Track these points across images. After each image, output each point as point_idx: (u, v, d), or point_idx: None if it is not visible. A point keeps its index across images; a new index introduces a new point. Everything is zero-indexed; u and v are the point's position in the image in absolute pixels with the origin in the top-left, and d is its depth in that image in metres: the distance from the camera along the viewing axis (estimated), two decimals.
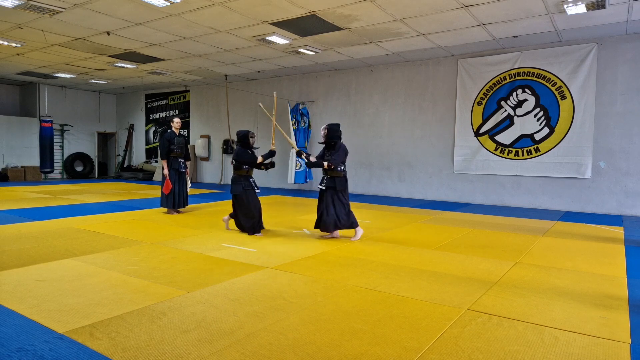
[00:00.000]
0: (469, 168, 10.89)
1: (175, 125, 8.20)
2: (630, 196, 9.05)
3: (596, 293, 3.85)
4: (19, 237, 5.73)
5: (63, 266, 4.41)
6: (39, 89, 16.64)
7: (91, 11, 8.01)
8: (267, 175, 14.74)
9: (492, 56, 10.40)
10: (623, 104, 9.09)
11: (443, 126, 11.28)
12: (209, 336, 2.81)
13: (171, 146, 8.08)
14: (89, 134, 18.46)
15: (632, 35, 8.94)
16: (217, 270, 4.37)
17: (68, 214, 7.83)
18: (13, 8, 7.81)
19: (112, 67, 13.09)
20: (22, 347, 2.62)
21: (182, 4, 7.56)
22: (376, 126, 12.39)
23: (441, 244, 5.87)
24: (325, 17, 8.12)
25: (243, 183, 6.34)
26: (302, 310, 3.29)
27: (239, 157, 6.34)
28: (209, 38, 9.68)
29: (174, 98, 17.40)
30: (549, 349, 2.71)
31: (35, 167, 16.29)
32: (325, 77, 13.31)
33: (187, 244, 5.59)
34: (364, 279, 4.16)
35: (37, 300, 3.42)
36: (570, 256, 5.28)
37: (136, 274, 4.18)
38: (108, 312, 3.18)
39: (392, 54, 10.92)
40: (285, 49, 10.45)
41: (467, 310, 3.36)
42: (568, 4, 7.22)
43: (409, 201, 11.01)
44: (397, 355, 2.60)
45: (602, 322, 3.17)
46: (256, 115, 14.98)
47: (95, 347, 2.63)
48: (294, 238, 6.09)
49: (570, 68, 9.53)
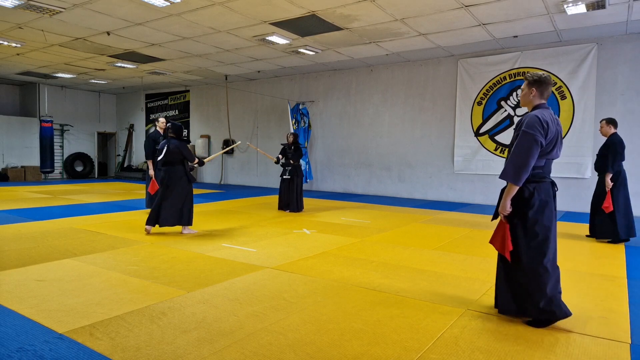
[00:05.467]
0: (469, 168, 10.89)
1: (160, 125, 8.12)
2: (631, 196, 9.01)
3: (596, 293, 3.85)
4: (19, 237, 5.73)
5: (63, 266, 4.41)
6: (39, 89, 16.64)
7: (91, 11, 8.01)
8: (266, 175, 14.75)
9: (492, 56, 10.40)
10: (623, 104, 9.09)
11: (443, 126, 11.28)
12: (209, 336, 2.81)
13: (156, 146, 8.00)
14: (89, 134, 18.46)
15: (632, 35, 8.93)
16: (217, 270, 4.37)
17: (68, 214, 7.83)
18: (13, 8, 7.81)
19: (112, 67, 13.09)
20: (22, 347, 2.62)
21: (182, 4, 7.55)
22: (376, 126, 12.39)
23: (441, 244, 5.87)
24: (325, 17, 8.12)
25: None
26: (302, 310, 3.29)
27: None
28: (209, 38, 9.68)
29: (174, 98, 17.40)
30: (549, 349, 2.71)
31: (35, 167, 16.28)
32: (325, 77, 13.31)
33: (187, 244, 5.59)
34: (364, 279, 4.16)
35: (37, 300, 3.42)
36: (570, 256, 5.28)
37: (136, 274, 4.18)
38: (108, 312, 3.18)
39: (392, 54, 10.92)
40: (285, 49, 10.45)
41: (467, 310, 3.36)
42: (568, 4, 7.22)
43: (409, 201, 11.01)
44: (397, 355, 2.60)
45: (602, 322, 3.17)
46: (256, 115, 14.99)
47: (95, 347, 2.63)
48: (294, 238, 6.09)
49: (570, 68, 9.53)
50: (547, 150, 3.03)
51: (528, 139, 2.94)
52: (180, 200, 6.09)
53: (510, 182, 3.00)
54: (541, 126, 2.95)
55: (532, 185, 3.03)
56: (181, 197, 6.09)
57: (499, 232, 3.12)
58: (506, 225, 3.08)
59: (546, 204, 3.04)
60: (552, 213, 3.07)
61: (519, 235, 3.06)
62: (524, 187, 3.03)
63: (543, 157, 3.03)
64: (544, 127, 2.96)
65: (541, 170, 3.06)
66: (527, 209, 3.04)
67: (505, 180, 3.02)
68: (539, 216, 3.02)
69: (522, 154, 2.95)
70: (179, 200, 6.08)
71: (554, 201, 3.11)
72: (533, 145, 2.93)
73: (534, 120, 2.97)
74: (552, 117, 3.08)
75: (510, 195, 3.03)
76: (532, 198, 3.03)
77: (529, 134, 2.95)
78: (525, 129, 2.97)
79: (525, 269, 3.04)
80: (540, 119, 2.97)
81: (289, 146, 8.77)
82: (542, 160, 3.05)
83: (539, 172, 3.05)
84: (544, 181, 3.07)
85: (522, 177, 2.96)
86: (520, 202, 3.05)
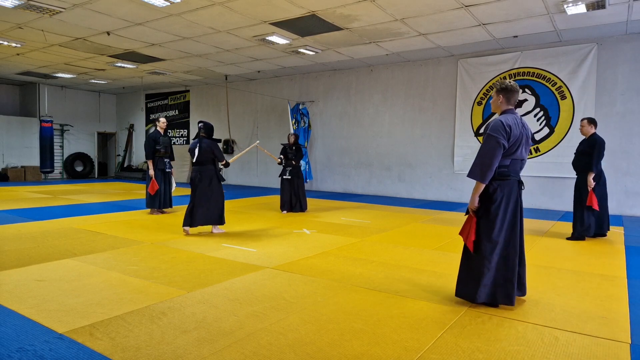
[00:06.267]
0: (468, 168, 10.87)
1: (161, 125, 8.13)
2: (630, 196, 9.05)
3: (596, 293, 3.85)
4: (19, 237, 5.73)
5: (63, 266, 4.41)
6: (39, 89, 16.64)
7: (91, 11, 8.01)
8: (266, 175, 14.75)
9: (492, 56, 10.40)
10: (623, 104, 9.09)
11: (443, 126, 11.28)
12: (209, 336, 2.81)
13: (157, 146, 8.01)
14: (89, 134, 18.46)
15: (632, 35, 8.93)
16: (217, 270, 4.37)
17: (68, 214, 7.83)
18: (13, 8, 7.81)
19: (112, 67, 13.09)
20: (22, 347, 2.62)
21: (182, 4, 7.55)
22: (376, 126, 12.39)
23: (441, 244, 5.87)
24: (325, 17, 8.12)
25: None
26: (302, 310, 3.29)
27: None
28: (209, 38, 9.68)
29: (174, 98, 17.40)
30: (549, 349, 2.71)
31: (35, 167, 16.29)
32: (325, 77, 13.31)
33: (187, 244, 5.59)
34: (364, 279, 4.16)
35: (37, 300, 3.42)
36: (570, 256, 5.28)
37: (136, 274, 4.18)
38: (108, 312, 3.18)
39: (392, 54, 10.92)
40: (285, 49, 10.45)
41: (467, 310, 3.36)
42: (568, 4, 7.22)
43: (409, 201, 11.01)
44: (397, 355, 2.60)
45: (602, 322, 3.17)
46: (256, 115, 14.99)
47: (95, 347, 2.63)
48: (294, 238, 6.09)
49: (570, 68, 9.53)
50: (512, 151, 3.34)
51: (491, 141, 3.28)
52: (214, 200, 6.22)
53: (476, 180, 3.34)
54: (504, 130, 3.27)
55: (496, 182, 3.36)
56: (214, 197, 6.22)
57: (467, 224, 3.45)
58: (473, 218, 3.41)
59: (509, 199, 3.36)
60: (517, 208, 3.39)
61: (481, 227, 3.38)
62: (489, 185, 3.36)
63: (508, 157, 3.35)
64: (506, 130, 3.28)
65: (506, 169, 3.37)
66: (490, 203, 3.36)
67: (473, 178, 3.37)
68: (499, 211, 3.34)
69: (486, 154, 3.29)
70: (212, 200, 6.20)
71: (519, 198, 3.43)
72: (496, 147, 3.26)
73: (497, 125, 3.30)
74: (517, 121, 3.38)
75: (478, 192, 3.37)
76: (494, 194, 3.35)
77: (493, 136, 3.28)
78: (490, 132, 3.31)
79: (480, 257, 3.36)
80: (504, 123, 3.30)
81: (290, 146, 8.76)
82: (507, 160, 3.36)
83: (503, 171, 3.37)
84: (509, 179, 3.38)
85: (488, 176, 3.29)
86: (485, 198, 3.38)
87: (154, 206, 8.00)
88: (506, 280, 3.34)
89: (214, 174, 6.25)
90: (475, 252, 3.39)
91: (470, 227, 3.39)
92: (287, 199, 8.69)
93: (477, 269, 3.37)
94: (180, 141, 17.15)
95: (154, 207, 8.02)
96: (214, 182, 6.23)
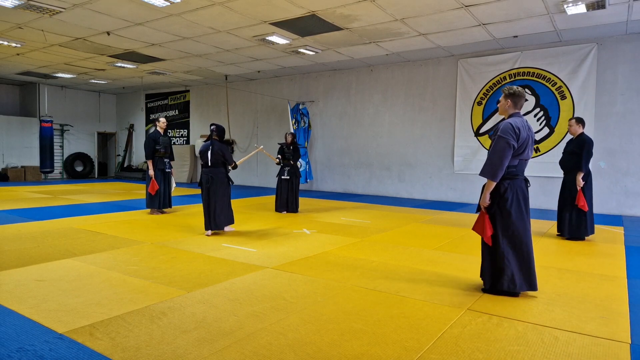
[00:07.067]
0: (469, 168, 10.89)
1: (161, 125, 8.13)
2: (630, 196, 9.05)
3: (596, 293, 3.85)
4: (19, 237, 5.73)
5: (63, 266, 4.41)
6: (39, 89, 16.64)
7: (91, 11, 8.01)
8: (266, 175, 14.75)
9: (492, 56, 10.40)
10: (623, 104, 9.09)
11: (443, 126, 11.28)
12: (209, 336, 2.81)
13: (157, 146, 8.01)
14: (89, 134, 18.46)
15: (632, 35, 8.93)
16: (217, 270, 4.37)
17: (68, 214, 7.83)
18: (13, 8, 7.81)
19: (112, 67, 13.09)
20: (22, 347, 2.62)
21: (182, 4, 7.55)
22: (376, 126, 12.39)
23: (441, 244, 5.87)
24: (325, 17, 8.12)
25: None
26: (302, 310, 3.29)
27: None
28: (209, 38, 9.68)
29: (174, 98, 17.40)
30: (549, 349, 2.71)
31: (35, 167, 16.29)
32: (325, 77, 13.31)
33: (187, 244, 5.59)
34: (364, 279, 4.16)
35: (37, 300, 3.42)
36: (570, 256, 5.28)
37: (136, 274, 4.18)
38: (108, 312, 3.18)
39: (392, 54, 10.92)
40: (285, 49, 10.45)
41: (467, 310, 3.36)
42: (568, 4, 7.22)
43: (409, 201, 11.01)
44: (397, 355, 2.60)
45: (602, 322, 3.17)
46: (256, 115, 14.99)
47: (95, 347, 2.63)
48: (294, 238, 6.09)
49: (570, 68, 9.53)
50: (519, 152, 3.61)
51: (502, 142, 3.54)
52: (227, 201, 6.32)
53: (488, 178, 3.59)
54: (513, 132, 3.54)
55: (507, 182, 3.63)
56: (226, 198, 6.32)
57: (480, 220, 3.71)
58: (486, 215, 3.68)
59: (519, 196, 3.64)
60: (526, 203, 3.68)
61: (497, 223, 3.64)
62: (500, 184, 3.62)
63: (516, 157, 3.62)
64: (515, 132, 3.55)
65: (515, 169, 3.64)
66: (503, 202, 3.62)
67: (484, 177, 3.61)
68: (512, 208, 3.61)
69: (497, 154, 3.55)
70: (226, 202, 6.29)
71: (526, 194, 3.71)
72: (506, 148, 3.52)
73: (507, 127, 3.56)
74: (524, 124, 3.64)
75: (489, 189, 3.63)
76: (505, 193, 3.62)
77: (503, 138, 3.54)
78: (500, 134, 3.56)
79: (499, 249, 3.63)
80: (513, 125, 3.57)
81: (288, 146, 8.73)
82: (515, 160, 3.63)
83: (512, 171, 3.63)
84: (517, 178, 3.66)
85: (498, 175, 3.55)
86: (497, 196, 3.64)
87: (153, 206, 7.99)
88: (527, 267, 3.60)
89: (224, 176, 6.32)
90: (494, 246, 3.66)
91: (485, 223, 3.64)
92: (283, 198, 8.64)
93: (498, 261, 3.63)
94: (180, 141, 17.16)
95: (153, 207, 8.01)
96: (224, 184, 6.32)
